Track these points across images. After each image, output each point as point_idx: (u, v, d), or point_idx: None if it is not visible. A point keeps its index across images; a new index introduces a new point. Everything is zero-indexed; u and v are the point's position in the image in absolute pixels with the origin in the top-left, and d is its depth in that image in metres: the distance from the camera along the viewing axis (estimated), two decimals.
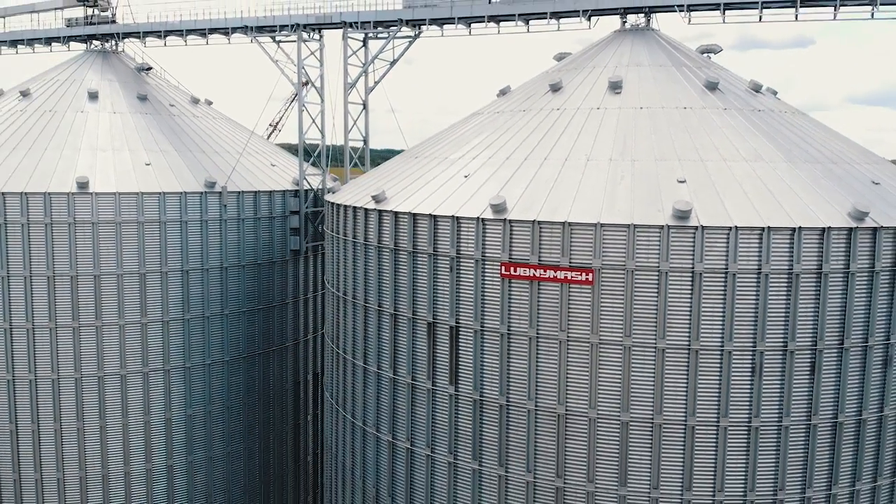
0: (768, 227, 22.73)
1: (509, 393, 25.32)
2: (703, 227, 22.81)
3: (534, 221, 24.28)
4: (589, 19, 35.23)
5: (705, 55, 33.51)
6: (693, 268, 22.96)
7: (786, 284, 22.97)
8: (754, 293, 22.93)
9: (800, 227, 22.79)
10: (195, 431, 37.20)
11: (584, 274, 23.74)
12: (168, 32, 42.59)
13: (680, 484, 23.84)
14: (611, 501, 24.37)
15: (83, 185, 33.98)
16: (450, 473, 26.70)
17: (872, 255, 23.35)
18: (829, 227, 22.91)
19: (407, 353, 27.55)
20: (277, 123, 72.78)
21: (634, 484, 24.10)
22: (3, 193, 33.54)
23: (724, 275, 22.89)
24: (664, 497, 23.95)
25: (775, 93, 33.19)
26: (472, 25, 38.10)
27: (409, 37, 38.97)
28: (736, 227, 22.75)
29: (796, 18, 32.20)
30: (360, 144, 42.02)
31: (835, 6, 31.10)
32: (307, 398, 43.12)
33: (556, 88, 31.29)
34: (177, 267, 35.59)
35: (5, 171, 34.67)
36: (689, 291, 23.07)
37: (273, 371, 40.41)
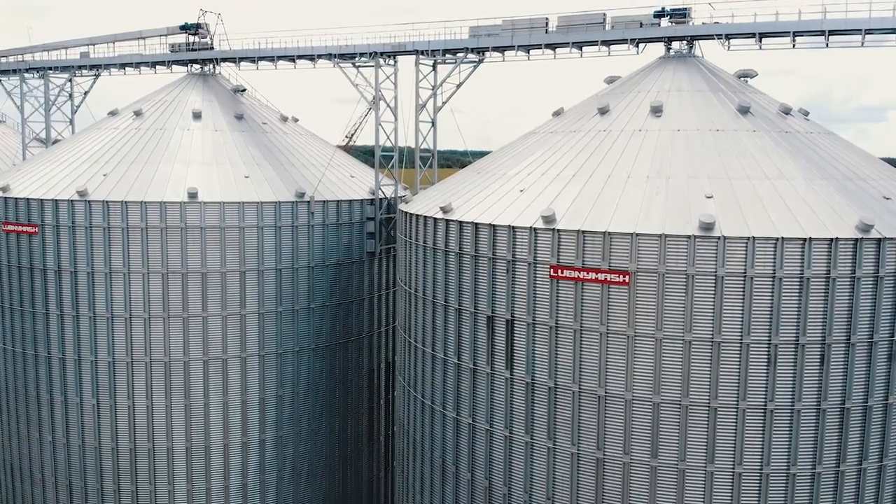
0: (782, 237, 26.38)
1: (557, 377, 29.55)
2: (724, 238, 26.61)
3: (579, 231, 28.47)
4: (636, 46, 39.15)
5: (742, 79, 37.02)
6: (716, 272, 26.77)
7: (797, 287, 26.56)
8: (769, 294, 26.59)
9: (810, 238, 26.37)
10: (284, 410, 42.58)
11: (621, 276, 27.82)
12: (261, 58, 48.19)
13: (703, 457, 27.68)
14: (643, 471, 28.37)
15: (193, 196, 39.63)
16: (505, 445, 31.12)
17: (877, 262, 26.71)
18: (837, 238, 26.41)
19: (469, 342, 32.06)
20: (353, 135, 78.38)
21: (664, 457, 28.05)
22: (125, 202, 39.40)
23: (742, 278, 26.64)
24: (690, 468, 27.83)
25: (807, 114, 36.48)
26: (531, 52, 42.47)
27: (474, 62, 43.41)
28: (753, 237, 26.48)
29: (827, 46, 35.49)
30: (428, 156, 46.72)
31: (861, 34, 34.21)
32: (380, 384, 48.09)
33: (603, 111, 35.33)
34: (271, 266, 41.00)
35: (126, 183, 40.60)
36: (713, 292, 26.89)
37: (351, 359, 45.52)
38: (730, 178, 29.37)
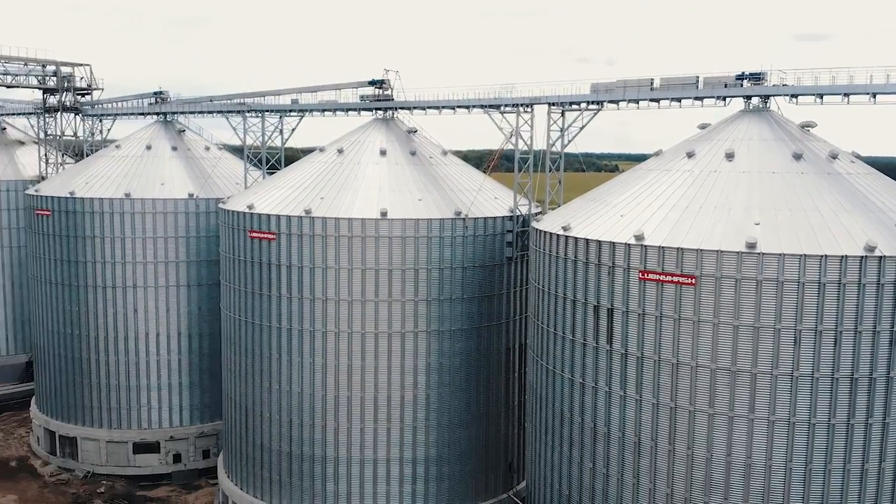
0: (804, 254, 37.30)
1: (643, 350, 41.63)
2: (762, 254, 37.85)
3: (660, 247, 40.46)
4: (723, 100, 50.28)
5: (805, 129, 47.43)
6: (756, 277, 38.02)
7: (816, 289, 37.35)
8: (795, 294, 37.54)
9: (825, 255, 37.13)
10: (443, 374, 56.75)
11: (689, 279, 39.59)
12: (430, 107, 62.81)
13: (747, 408, 38.90)
14: (704, 417, 39.92)
15: (384, 214, 54.55)
16: (606, 398, 43.50)
17: (878, 273, 37.01)
18: (846, 255, 37.03)
19: (582, 324, 44.64)
20: (494, 165, 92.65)
21: (720, 406, 39.47)
22: (338, 219, 54.81)
23: (775, 283, 37.74)
24: (737, 416, 39.12)
25: (858, 156, 46.34)
26: (640, 103, 54.34)
27: (595, 110, 55.85)
28: (784, 254, 37.55)
29: (874, 102, 45.32)
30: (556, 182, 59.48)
31: None
32: (515, 361, 61.25)
33: (689, 155, 46.94)
34: (436, 266, 55.28)
35: (337, 204, 56.04)
36: (755, 291, 38.14)
37: (493, 339, 59.06)
38: (775, 210, 40.40)
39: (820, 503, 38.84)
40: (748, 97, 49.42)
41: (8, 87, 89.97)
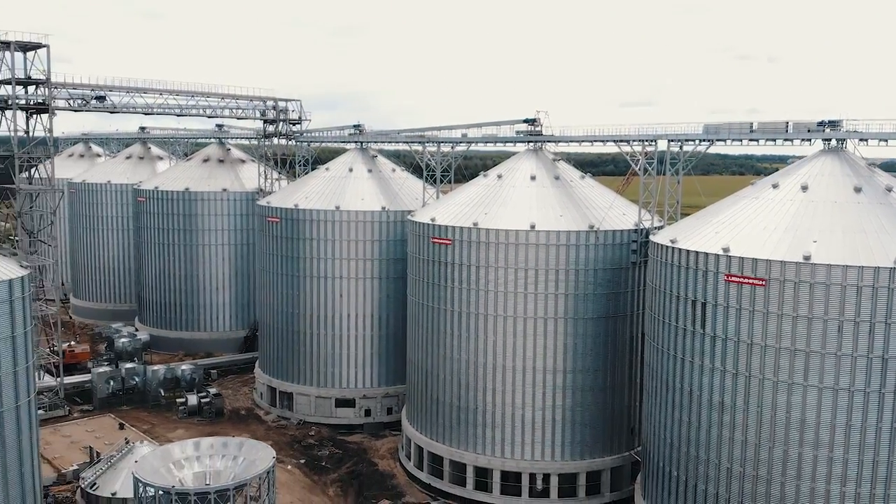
0: (846, 265, 50.55)
1: (727, 332, 55.98)
2: (814, 264, 51.42)
3: (741, 257, 54.77)
4: (808, 141, 63.32)
5: (871, 166, 59.70)
6: (810, 281, 51.60)
7: (855, 290, 50.47)
8: (839, 294, 50.80)
9: (862, 266, 50.21)
10: (577, 352, 72.93)
11: (761, 281, 53.69)
12: (571, 140, 79.19)
13: (803, 374, 52.47)
14: (770, 384, 53.80)
15: (532, 227, 71.55)
16: (700, 369, 58.11)
17: None
18: (879, 267, 49.92)
19: (684, 314, 59.45)
20: (625, 185, 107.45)
21: (781, 375, 53.31)
22: (497, 230, 72.38)
23: (825, 285, 51.19)
24: (796, 384, 52.76)
25: None
26: (743, 141, 68.00)
27: (707, 144, 70.05)
28: (830, 264, 50.96)
29: None
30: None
31: None
32: (635, 347, 76.22)
33: (774, 186, 60.55)
34: (573, 268, 71.61)
35: (497, 218, 73.63)
36: (808, 291, 51.75)
37: (619, 327, 74.48)
38: (830, 231, 53.66)
39: (843, 449, 51.75)
40: (826, 140, 62.19)
41: (238, 118, 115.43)
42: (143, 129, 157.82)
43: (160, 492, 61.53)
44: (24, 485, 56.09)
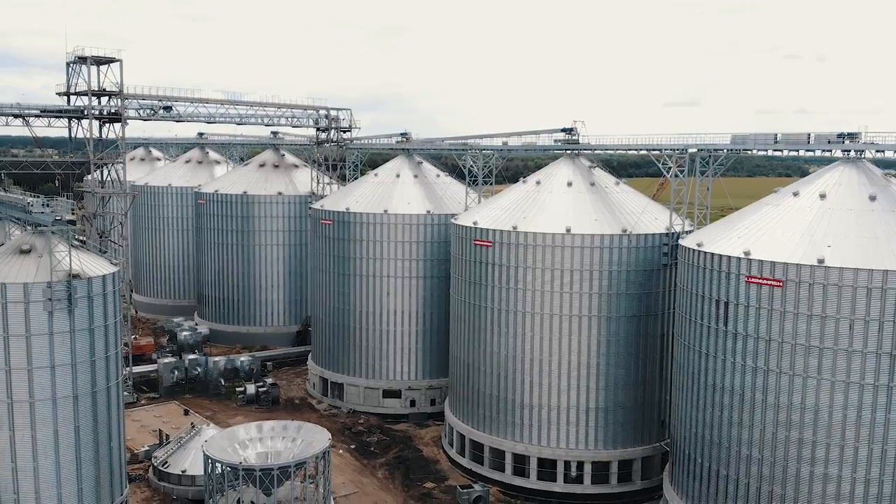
0: (857, 268, 54.82)
1: (747, 329, 60.55)
2: (827, 267, 55.78)
3: (760, 260, 59.31)
4: (828, 151, 67.42)
5: (887, 175, 63.60)
6: (823, 283, 55.97)
7: (865, 292, 54.69)
8: (851, 294, 55.08)
9: (872, 269, 54.43)
10: (610, 348, 77.90)
11: (779, 282, 58.19)
12: (606, 148, 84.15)
13: (830, 370, 56.85)
14: (786, 377, 58.26)
15: (568, 230, 76.75)
16: (723, 363, 62.72)
17: None
18: (887, 270, 54.10)
19: (708, 313, 64.11)
20: (658, 191, 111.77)
21: (797, 369, 57.73)
22: (535, 233, 77.71)
23: (837, 286, 55.50)
24: (824, 379, 57.16)
25: None
26: (767, 152, 72.28)
27: (734, 155, 74.46)
28: (842, 267, 55.27)
29: None
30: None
31: None
32: (665, 344, 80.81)
33: (795, 194, 64.85)
34: (606, 269, 76.62)
35: (535, 222, 78.99)
36: (822, 292, 56.13)
37: (650, 326, 79.20)
38: (844, 237, 57.90)
39: (855, 435, 55.91)
40: (846, 151, 66.23)
41: (294, 126, 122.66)
42: (201, 134, 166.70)
43: (228, 468, 68.42)
44: (112, 458, 63.40)
